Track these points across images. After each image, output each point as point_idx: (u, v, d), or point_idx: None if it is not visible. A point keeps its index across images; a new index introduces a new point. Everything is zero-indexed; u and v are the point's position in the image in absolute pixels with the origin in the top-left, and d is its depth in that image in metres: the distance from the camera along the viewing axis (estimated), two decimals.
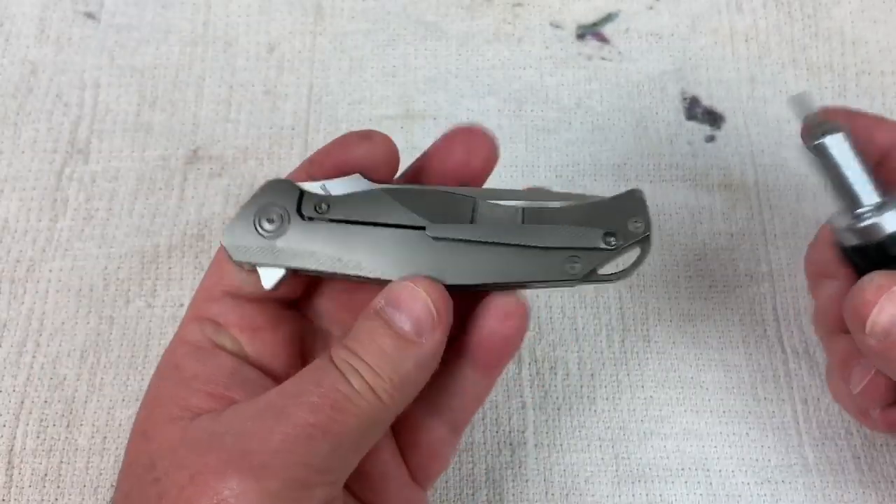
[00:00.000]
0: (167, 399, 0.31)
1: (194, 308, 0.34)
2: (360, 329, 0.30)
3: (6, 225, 0.48)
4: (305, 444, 0.28)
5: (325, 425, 0.28)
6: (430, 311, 0.30)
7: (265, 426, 0.28)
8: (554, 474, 0.43)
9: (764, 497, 0.42)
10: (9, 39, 0.53)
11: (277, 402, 0.29)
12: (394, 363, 0.29)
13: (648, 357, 0.46)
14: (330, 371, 0.29)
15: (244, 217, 0.33)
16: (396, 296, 0.30)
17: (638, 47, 0.52)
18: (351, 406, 0.29)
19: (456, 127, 0.34)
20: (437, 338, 0.30)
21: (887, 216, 0.33)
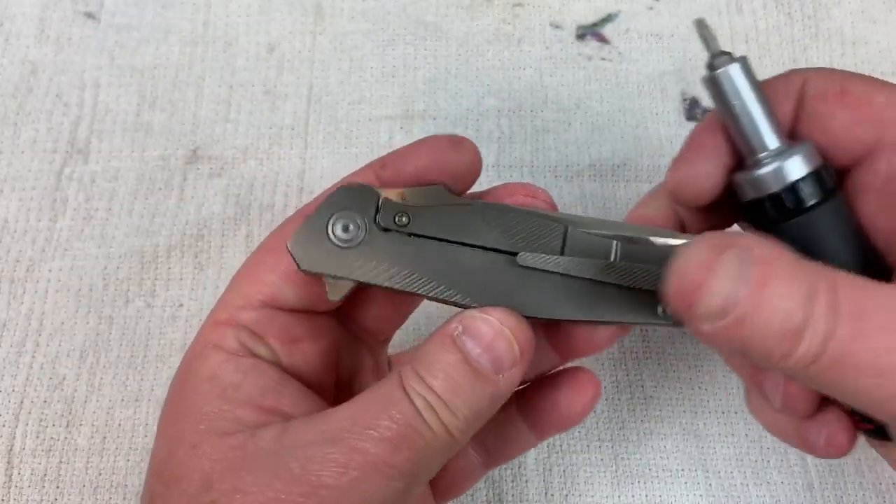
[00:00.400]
0: (211, 412, 0.29)
1: (225, 312, 0.31)
2: (434, 357, 0.29)
3: (6, 225, 0.48)
4: (380, 485, 0.27)
5: (401, 466, 0.27)
6: (512, 349, 0.29)
7: (336, 458, 0.27)
8: (553, 474, 0.43)
9: (763, 498, 0.42)
10: (9, 39, 0.53)
11: (344, 428, 0.28)
12: (469, 401, 0.28)
13: (648, 357, 0.46)
14: (403, 404, 0.28)
15: (316, 223, 0.30)
16: (478, 328, 0.29)
17: (638, 48, 0.52)
18: (427, 446, 0.28)
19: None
20: (516, 376, 0.29)
21: (790, 162, 0.29)
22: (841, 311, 0.24)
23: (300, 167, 0.49)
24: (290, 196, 0.49)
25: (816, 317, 0.24)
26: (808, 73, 0.31)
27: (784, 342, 0.25)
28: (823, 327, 0.24)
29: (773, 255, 0.25)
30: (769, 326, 0.25)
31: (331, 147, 0.50)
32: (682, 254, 0.26)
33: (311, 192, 0.49)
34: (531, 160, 0.50)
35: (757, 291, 0.25)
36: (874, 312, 0.24)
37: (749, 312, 0.25)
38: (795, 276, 0.25)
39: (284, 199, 0.48)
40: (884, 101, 0.29)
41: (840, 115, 0.29)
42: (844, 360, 0.24)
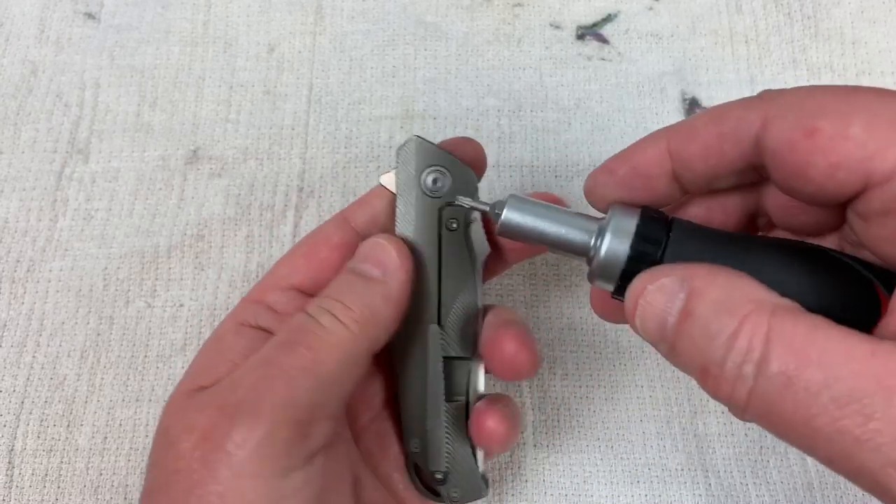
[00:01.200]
0: (201, 369, 0.34)
1: (257, 292, 0.37)
2: (332, 282, 0.34)
3: (6, 225, 0.48)
4: (289, 386, 0.30)
5: (304, 365, 0.31)
6: (393, 257, 0.34)
7: (253, 376, 0.31)
8: (552, 474, 0.44)
9: (762, 497, 0.42)
10: (9, 39, 0.53)
11: (265, 352, 0.32)
12: (362, 297, 0.33)
13: (646, 357, 0.46)
14: (304, 317, 0.32)
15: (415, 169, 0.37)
16: (365, 251, 0.35)
17: (638, 48, 0.52)
18: (323, 342, 0.32)
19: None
20: (401, 277, 0.34)
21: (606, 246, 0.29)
22: (769, 365, 0.23)
23: (300, 167, 0.49)
24: (290, 196, 0.49)
25: (732, 365, 0.24)
26: (766, 109, 0.27)
27: (704, 380, 0.25)
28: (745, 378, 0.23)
29: (704, 285, 0.25)
30: (692, 360, 0.25)
31: (331, 147, 0.50)
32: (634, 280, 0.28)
33: (310, 191, 0.49)
34: (531, 160, 0.50)
35: (681, 324, 0.25)
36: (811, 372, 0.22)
37: (676, 343, 0.25)
38: (720, 314, 0.24)
39: (284, 199, 0.49)
40: (860, 131, 0.25)
41: (815, 162, 0.26)
42: (773, 418, 0.23)
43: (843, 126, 0.25)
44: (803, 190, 0.27)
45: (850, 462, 0.22)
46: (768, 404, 0.23)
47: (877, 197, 0.25)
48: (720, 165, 0.29)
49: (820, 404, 0.22)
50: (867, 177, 0.25)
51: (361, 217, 0.37)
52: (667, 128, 0.30)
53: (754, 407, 0.24)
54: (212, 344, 0.35)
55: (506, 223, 0.31)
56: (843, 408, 0.22)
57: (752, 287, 0.25)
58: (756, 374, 0.23)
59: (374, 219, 0.37)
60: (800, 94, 0.27)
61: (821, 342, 0.23)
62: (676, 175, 0.30)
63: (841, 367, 0.22)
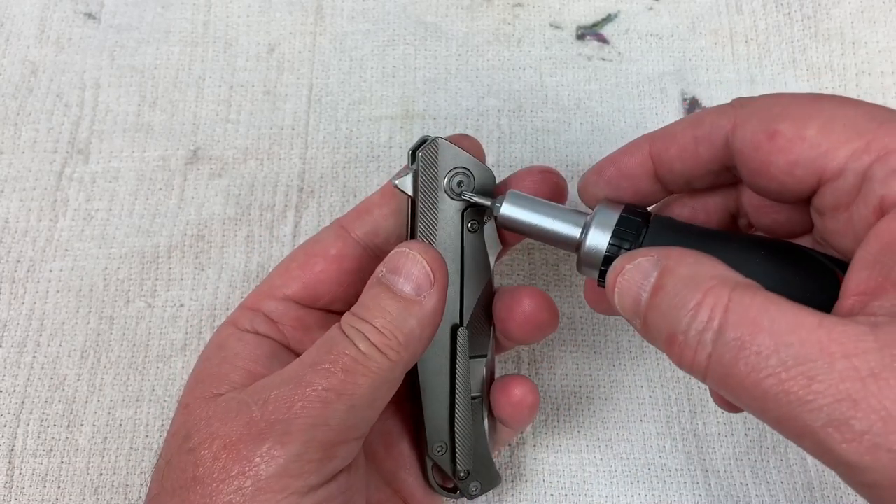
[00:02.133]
0: (209, 376, 0.34)
1: (252, 299, 0.37)
2: (365, 297, 0.33)
3: (6, 225, 0.48)
4: (322, 408, 0.31)
5: (339, 388, 0.31)
6: (427, 273, 0.33)
7: (286, 394, 0.31)
8: (552, 474, 0.44)
9: (762, 497, 0.42)
10: (9, 39, 0.53)
11: (296, 371, 0.32)
12: (397, 322, 0.32)
13: (646, 357, 0.46)
14: (339, 339, 0.32)
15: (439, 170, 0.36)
16: (395, 263, 0.33)
17: (638, 48, 0.52)
18: (360, 367, 0.31)
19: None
20: (437, 296, 0.33)
21: (590, 237, 0.32)
22: (726, 332, 0.25)
23: (300, 167, 0.49)
24: (290, 196, 0.49)
25: (694, 332, 0.26)
26: (736, 115, 0.31)
27: (670, 348, 0.27)
28: (704, 343, 0.26)
29: (675, 264, 0.28)
30: (660, 330, 0.27)
31: (331, 147, 0.50)
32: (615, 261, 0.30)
33: (311, 191, 0.49)
34: (531, 159, 0.50)
35: (652, 297, 0.28)
36: (762, 338, 0.24)
37: (648, 316, 0.28)
38: (686, 287, 0.27)
39: (285, 199, 0.49)
40: (815, 133, 0.28)
41: (775, 161, 0.29)
42: (729, 380, 0.25)
43: (801, 128, 0.28)
44: (768, 186, 0.30)
45: (794, 422, 0.24)
46: (725, 368, 0.25)
47: (829, 192, 0.28)
48: (696, 166, 0.32)
49: (769, 367, 0.24)
50: (820, 173, 0.28)
51: (361, 228, 0.37)
52: (650, 133, 0.34)
53: (713, 371, 0.26)
54: (215, 350, 0.35)
55: (503, 216, 0.35)
56: (790, 370, 0.24)
57: (718, 266, 0.27)
58: (714, 340, 0.25)
59: (374, 229, 0.37)
60: (767, 100, 0.30)
61: (773, 313, 0.25)
62: (658, 175, 0.33)
63: (789, 334, 0.24)
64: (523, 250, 0.48)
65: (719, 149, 0.31)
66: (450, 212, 0.36)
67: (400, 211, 0.37)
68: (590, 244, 0.32)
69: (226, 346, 0.35)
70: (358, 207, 0.38)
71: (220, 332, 0.36)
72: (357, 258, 0.37)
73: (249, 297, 0.37)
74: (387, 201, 0.37)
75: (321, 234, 0.38)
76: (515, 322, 0.38)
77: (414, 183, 0.36)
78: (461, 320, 0.37)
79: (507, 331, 0.38)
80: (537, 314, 0.38)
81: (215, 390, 0.33)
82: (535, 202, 0.35)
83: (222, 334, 0.36)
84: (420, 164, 0.36)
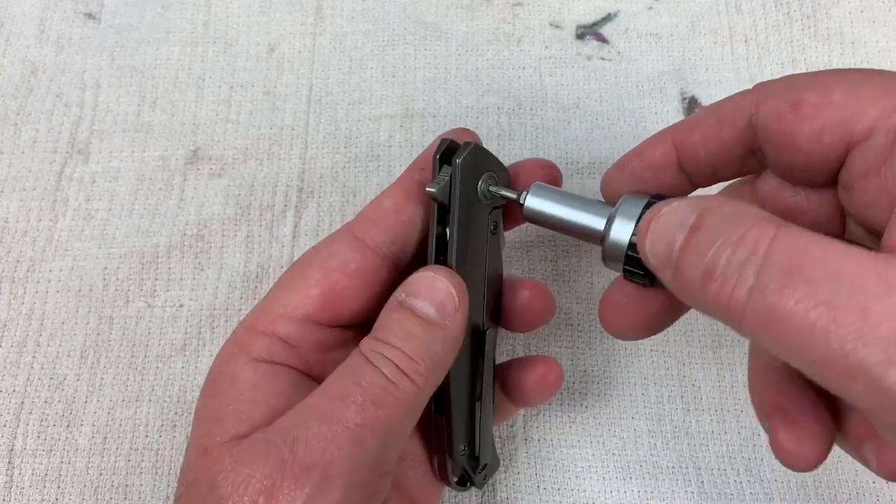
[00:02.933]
0: (227, 414, 0.32)
1: (265, 319, 0.34)
2: (386, 321, 0.32)
3: (6, 225, 0.48)
4: (358, 446, 0.29)
5: (372, 423, 0.29)
6: (451, 294, 0.32)
7: (317, 434, 0.29)
8: (545, 469, 0.44)
9: (756, 495, 0.42)
10: (9, 39, 0.53)
11: (323, 405, 0.30)
12: (424, 345, 0.31)
13: (641, 354, 0.46)
14: (365, 367, 0.30)
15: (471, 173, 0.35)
16: (417, 285, 0.32)
17: (637, 47, 0.52)
18: (391, 398, 0.30)
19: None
20: (460, 318, 0.32)
21: (614, 227, 0.31)
22: (772, 261, 0.23)
23: (300, 167, 0.49)
24: (290, 196, 0.49)
25: (736, 264, 0.23)
26: (759, 94, 0.30)
27: (705, 288, 0.24)
28: (745, 276, 0.23)
29: (717, 204, 0.26)
30: (694, 270, 0.25)
31: (331, 147, 0.50)
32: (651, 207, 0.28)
33: (310, 192, 0.49)
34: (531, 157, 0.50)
35: (690, 236, 0.25)
36: (812, 267, 0.22)
37: (681, 259, 0.25)
38: (728, 222, 0.24)
39: (285, 199, 0.49)
40: (841, 98, 0.27)
41: (801, 130, 0.28)
42: (772, 315, 0.22)
43: (826, 95, 0.27)
44: (794, 161, 0.29)
45: (845, 361, 0.21)
46: (767, 302, 0.22)
47: (858, 157, 0.27)
48: (721, 151, 0.31)
49: (819, 297, 0.21)
50: (849, 137, 0.27)
51: (377, 237, 0.35)
52: (672, 125, 0.32)
53: (752, 309, 0.23)
54: (227, 384, 0.33)
55: (529, 208, 0.34)
56: (843, 300, 0.21)
57: (762, 210, 0.25)
58: (758, 271, 0.23)
59: (392, 238, 0.35)
60: (789, 78, 0.29)
61: (825, 244, 0.22)
62: (682, 165, 0.32)
63: (843, 262, 0.22)
64: (522, 247, 0.48)
65: (743, 130, 0.30)
66: (481, 216, 0.36)
67: (415, 217, 0.35)
68: (614, 235, 0.31)
69: (240, 379, 0.32)
70: (369, 214, 0.35)
71: (230, 362, 0.33)
72: (377, 270, 0.35)
73: (257, 316, 0.34)
74: (402, 207, 0.35)
75: (334, 245, 0.35)
76: (515, 313, 0.38)
77: (450, 191, 0.34)
78: (483, 322, 0.37)
79: (506, 320, 0.38)
80: (533, 305, 0.38)
81: (236, 431, 0.31)
82: (559, 193, 0.34)
83: (234, 365, 0.33)
84: (460, 173, 0.34)
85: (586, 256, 0.47)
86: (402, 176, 0.36)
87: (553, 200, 0.34)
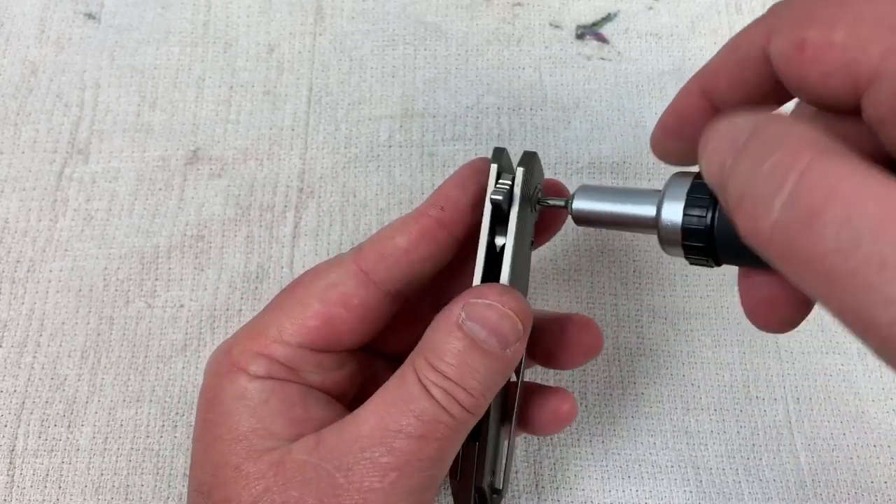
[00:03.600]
0: (246, 431, 0.31)
1: (261, 342, 0.32)
2: (444, 346, 0.30)
3: (6, 225, 0.48)
4: (419, 478, 0.29)
5: (433, 457, 0.29)
6: (516, 327, 0.30)
7: (377, 464, 0.29)
8: (543, 467, 0.44)
9: (755, 495, 0.43)
10: (9, 39, 0.53)
11: (378, 435, 0.29)
12: (484, 380, 0.30)
13: (641, 353, 0.46)
14: (421, 397, 0.29)
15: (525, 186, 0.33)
16: (481, 313, 0.30)
17: (637, 47, 0.52)
18: (450, 431, 0.29)
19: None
20: (521, 348, 0.31)
21: (664, 212, 0.30)
22: (796, 197, 0.21)
23: (300, 167, 0.49)
24: (290, 197, 0.49)
25: (765, 189, 0.22)
26: (769, 25, 0.27)
27: (736, 215, 0.23)
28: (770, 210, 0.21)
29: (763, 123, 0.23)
30: (733, 193, 0.23)
31: (331, 147, 0.50)
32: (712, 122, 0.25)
33: (310, 192, 0.49)
34: None
35: (737, 156, 0.23)
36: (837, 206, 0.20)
37: (728, 180, 0.24)
38: (768, 145, 0.22)
39: (284, 199, 0.49)
40: (843, 37, 0.24)
41: (808, 75, 0.25)
42: (795, 254, 0.21)
43: (829, 33, 0.25)
44: (813, 100, 0.26)
45: (859, 315, 0.20)
46: (788, 240, 0.21)
47: (871, 104, 0.24)
48: (752, 92, 0.29)
49: (838, 241, 0.20)
50: (854, 81, 0.24)
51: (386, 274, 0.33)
52: (697, 72, 0.30)
53: (776, 243, 0.21)
54: (234, 402, 0.31)
55: (577, 211, 0.33)
56: (861, 247, 0.19)
57: (812, 130, 0.23)
58: (783, 206, 0.21)
59: (403, 277, 0.33)
60: (798, 5, 0.27)
61: (859, 180, 0.20)
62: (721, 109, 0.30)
63: (873, 202, 0.20)
64: None
65: (764, 67, 0.27)
66: (530, 227, 0.35)
67: (426, 258, 0.33)
68: (665, 219, 0.30)
69: (248, 396, 0.31)
70: (379, 249, 0.33)
71: (233, 380, 0.32)
72: (380, 306, 0.33)
73: (250, 337, 0.33)
74: (414, 247, 0.33)
75: (336, 273, 0.33)
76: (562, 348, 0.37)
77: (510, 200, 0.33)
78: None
79: (552, 360, 0.37)
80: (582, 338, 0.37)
81: (260, 445, 0.30)
82: (604, 191, 0.33)
83: (237, 383, 0.32)
84: (523, 180, 0.33)
85: (586, 255, 0.47)
86: (418, 211, 0.33)
87: (599, 199, 0.33)
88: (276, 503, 0.29)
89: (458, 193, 0.33)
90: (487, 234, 0.33)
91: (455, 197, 0.33)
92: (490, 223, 0.33)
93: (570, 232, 0.48)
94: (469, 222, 0.33)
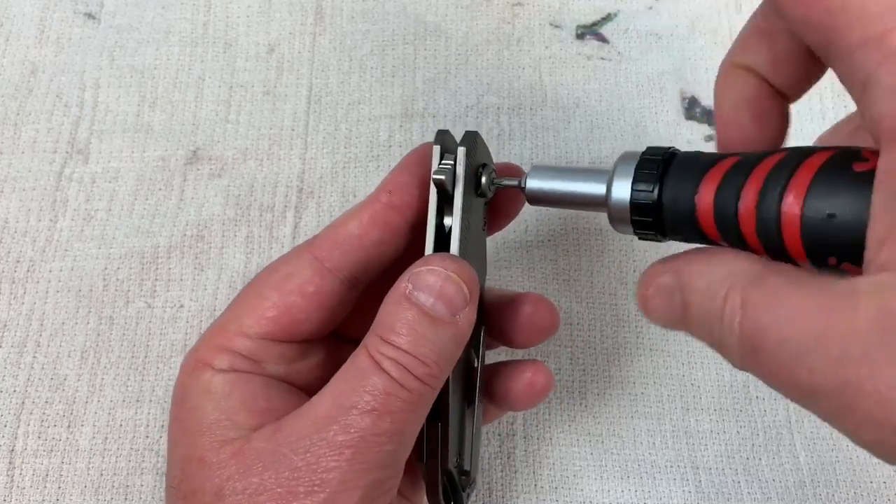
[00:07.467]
0: (210, 423, 0.31)
1: (222, 337, 0.33)
2: (394, 318, 0.30)
3: (6, 225, 0.48)
4: (376, 454, 0.29)
5: (385, 430, 0.29)
6: (461, 290, 0.31)
7: (332, 443, 0.29)
8: (542, 467, 0.44)
9: (754, 495, 0.43)
10: (9, 39, 0.53)
11: (334, 414, 0.29)
12: (436, 347, 0.30)
13: (641, 353, 0.46)
14: (374, 372, 0.30)
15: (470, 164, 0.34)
16: (426, 280, 0.30)
17: (637, 47, 0.52)
18: (403, 403, 0.29)
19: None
20: (471, 314, 0.31)
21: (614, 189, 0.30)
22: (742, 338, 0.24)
23: (300, 168, 0.49)
24: (290, 197, 0.49)
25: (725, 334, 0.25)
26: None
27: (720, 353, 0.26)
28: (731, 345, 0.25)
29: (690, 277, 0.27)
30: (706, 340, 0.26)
31: (331, 147, 0.50)
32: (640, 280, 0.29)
33: (310, 192, 0.49)
34: (531, 157, 0.50)
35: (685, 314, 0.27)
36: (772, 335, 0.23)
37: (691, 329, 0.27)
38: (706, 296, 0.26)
39: (284, 199, 0.49)
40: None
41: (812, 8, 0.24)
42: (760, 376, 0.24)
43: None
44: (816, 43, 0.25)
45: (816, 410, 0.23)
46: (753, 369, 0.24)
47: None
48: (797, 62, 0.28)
49: (781, 362, 0.23)
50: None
51: (339, 261, 0.34)
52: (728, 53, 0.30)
53: (751, 371, 0.25)
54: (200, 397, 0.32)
55: (531, 191, 0.34)
56: (796, 364, 0.22)
57: (727, 263, 0.26)
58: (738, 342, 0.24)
59: (356, 262, 0.34)
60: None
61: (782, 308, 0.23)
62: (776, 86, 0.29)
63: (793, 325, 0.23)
64: (522, 247, 0.48)
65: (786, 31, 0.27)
66: (477, 209, 0.35)
67: (379, 242, 0.34)
68: (614, 196, 0.30)
69: (212, 389, 0.32)
70: (333, 236, 0.34)
71: (198, 376, 0.32)
72: (335, 293, 0.34)
73: (213, 333, 0.33)
74: (366, 232, 0.34)
75: (291, 264, 0.34)
76: (520, 327, 0.37)
77: (454, 179, 0.33)
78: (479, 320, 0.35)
79: (508, 336, 0.38)
80: (537, 316, 0.37)
81: (223, 436, 0.31)
82: (557, 170, 0.33)
83: (202, 378, 0.32)
84: (465, 159, 0.33)
85: (586, 255, 0.47)
86: (369, 198, 0.34)
87: (552, 178, 0.33)
88: (237, 490, 0.29)
89: (405, 177, 0.34)
90: (435, 214, 0.33)
91: (403, 181, 0.34)
92: (437, 204, 0.33)
93: (571, 232, 0.48)
94: (418, 205, 0.34)
